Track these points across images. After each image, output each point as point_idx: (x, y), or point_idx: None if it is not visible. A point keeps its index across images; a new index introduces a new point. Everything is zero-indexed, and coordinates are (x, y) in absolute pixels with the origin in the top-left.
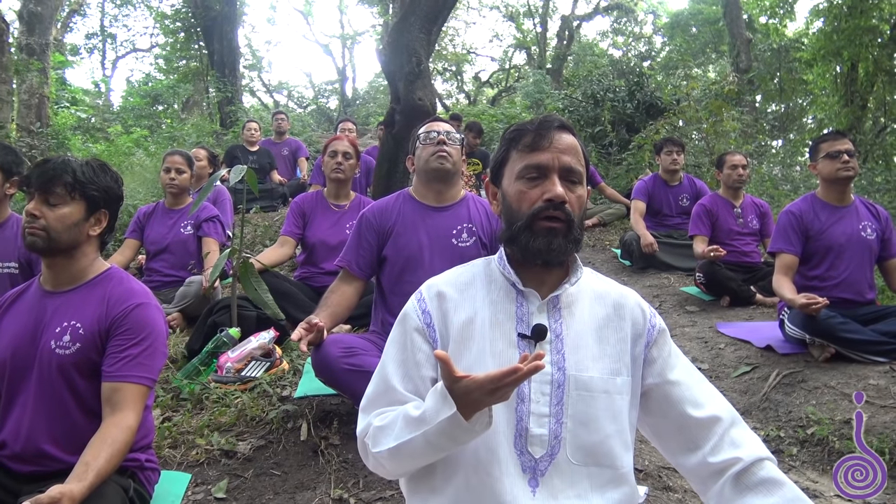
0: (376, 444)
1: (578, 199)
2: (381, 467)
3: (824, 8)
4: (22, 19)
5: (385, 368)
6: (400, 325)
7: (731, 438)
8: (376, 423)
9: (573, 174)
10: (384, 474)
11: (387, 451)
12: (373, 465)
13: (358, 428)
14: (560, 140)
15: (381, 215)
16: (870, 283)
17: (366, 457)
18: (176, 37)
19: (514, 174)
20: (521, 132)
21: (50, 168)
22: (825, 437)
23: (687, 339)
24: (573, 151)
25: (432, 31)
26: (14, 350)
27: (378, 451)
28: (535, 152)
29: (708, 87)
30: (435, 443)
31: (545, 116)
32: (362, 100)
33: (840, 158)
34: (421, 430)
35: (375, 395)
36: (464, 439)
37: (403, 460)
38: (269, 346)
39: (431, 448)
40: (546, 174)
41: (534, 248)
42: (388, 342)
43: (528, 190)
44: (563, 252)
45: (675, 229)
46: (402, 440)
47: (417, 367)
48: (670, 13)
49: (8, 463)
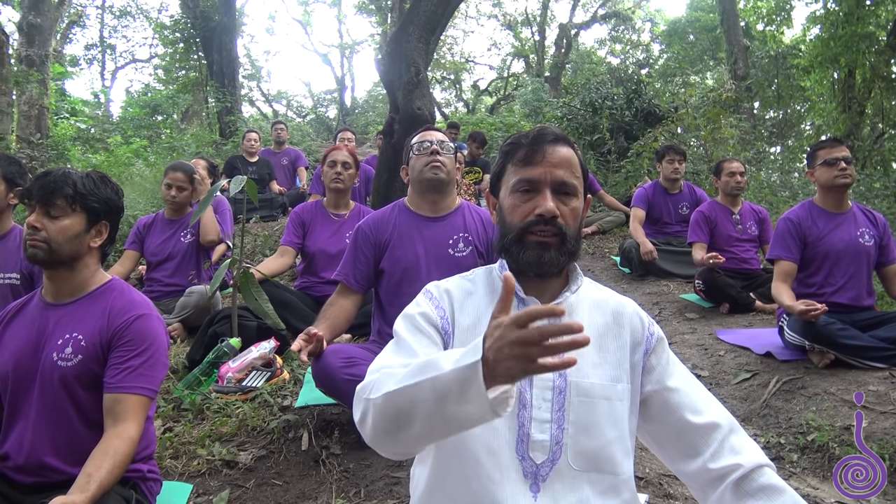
0: (375, 390)
1: (572, 211)
2: (371, 426)
3: (821, 15)
4: (21, 31)
5: (399, 337)
6: (407, 315)
7: (730, 445)
8: (382, 372)
9: (566, 187)
10: (372, 438)
11: (382, 396)
12: (362, 419)
13: (359, 385)
14: (553, 154)
15: (376, 228)
16: (868, 289)
17: (358, 411)
18: (175, 47)
19: (508, 187)
20: (515, 146)
21: (51, 180)
22: (825, 443)
23: (687, 346)
24: (567, 164)
25: (431, 40)
26: (16, 362)
27: (377, 395)
28: (527, 167)
29: (706, 94)
30: (442, 394)
31: (540, 129)
32: (361, 109)
33: (837, 165)
34: (430, 375)
35: (389, 351)
36: (471, 401)
37: (396, 415)
38: (270, 356)
39: (434, 404)
40: (538, 188)
41: (525, 260)
42: (398, 325)
43: (520, 204)
44: (554, 265)
45: (674, 237)
46: (406, 384)
47: (432, 346)
48: (668, 21)
49: (11, 474)
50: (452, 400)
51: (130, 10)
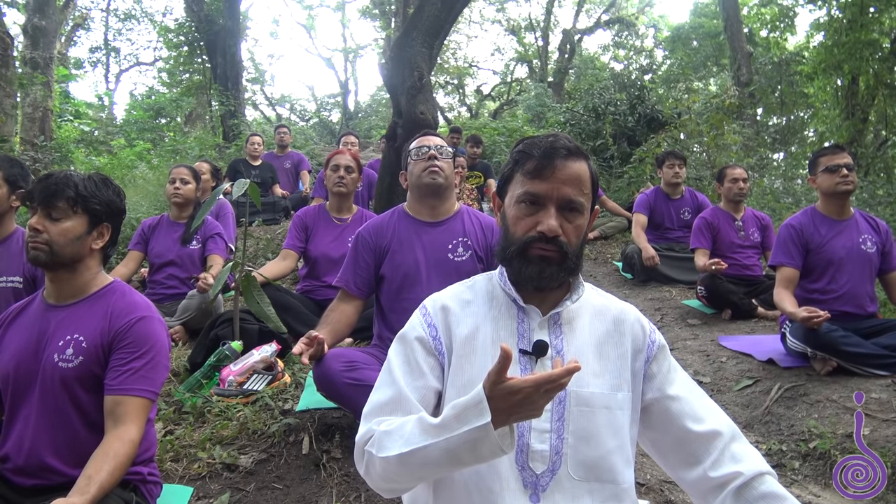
0: (382, 449)
1: (576, 228)
2: (378, 476)
3: (825, 22)
4: (26, 33)
5: (392, 376)
6: (403, 338)
7: (731, 453)
8: (382, 427)
9: (573, 204)
10: (378, 485)
11: (396, 457)
12: (367, 471)
13: (358, 434)
14: (564, 170)
15: (376, 234)
16: (871, 296)
17: (361, 463)
18: (179, 50)
19: (514, 196)
20: (526, 155)
21: (52, 183)
22: (827, 450)
23: (689, 352)
24: (576, 181)
25: (434, 45)
26: (17, 363)
27: (385, 455)
28: (535, 180)
29: (709, 100)
30: (454, 453)
31: (553, 141)
32: (364, 113)
33: (839, 172)
34: (443, 437)
35: (381, 402)
36: (484, 455)
37: (412, 469)
38: (271, 360)
39: (448, 458)
40: (544, 203)
41: (526, 274)
42: (392, 353)
43: (524, 216)
44: (554, 280)
45: (676, 242)
46: (417, 445)
47: (423, 377)
48: (671, 27)
49: (11, 476)
50: (464, 455)
51: (135, 14)
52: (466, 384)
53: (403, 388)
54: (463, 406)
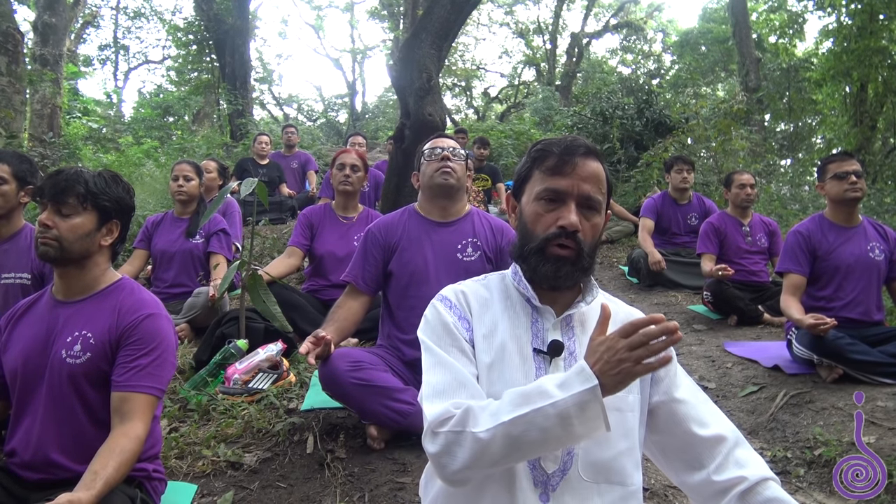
0: (478, 424)
1: (593, 227)
2: (465, 457)
3: (834, 28)
4: (36, 30)
5: (438, 357)
6: (429, 324)
7: (735, 458)
8: (473, 403)
9: (591, 202)
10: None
11: (496, 428)
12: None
13: (430, 417)
14: (583, 167)
15: (386, 231)
16: (878, 304)
17: (434, 444)
18: (188, 49)
19: (533, 194)
20: (545, 152)
21: (62, 179)
22: (832, 458)
23: (694, 357)
24: (595, 179)
25: (443, 47)
26: (25, 359)
27: (487, 427)
28: (555, 176)
29: (717, 105)
30: (564, 418)
31: (573, 139)
32: (372, 114)
33: (847, 179)
34: (549, 401)
35: (445, 383)
36: (590, 418)
37: (512, 443)
38: (277, 359)
39: (560, 427)
40: (564, 200)
41: (542, 272)
42: (428, 342)
43: (544, 213)
44: (569, 279)
45: (682, 247)
46: (522, 412)
47: (469, 360)
48: (680, 32)
49: (17, 471)
50: (575, 421)
51: (144, 12)
52: (486, 375)
53: (460, 370)
54: (563, 377)
